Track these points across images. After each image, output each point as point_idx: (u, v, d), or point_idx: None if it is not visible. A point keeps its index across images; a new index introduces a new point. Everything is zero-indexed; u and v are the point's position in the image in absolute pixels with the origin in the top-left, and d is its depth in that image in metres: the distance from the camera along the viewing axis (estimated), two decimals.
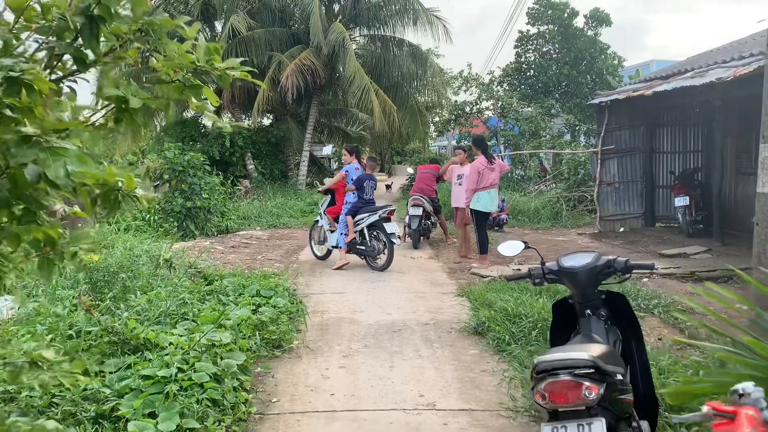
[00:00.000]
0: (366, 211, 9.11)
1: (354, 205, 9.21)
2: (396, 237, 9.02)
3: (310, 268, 9.33)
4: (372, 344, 5.44)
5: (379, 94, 20.70)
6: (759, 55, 8.54)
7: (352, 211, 9.18)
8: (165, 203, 12.99)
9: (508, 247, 3.58)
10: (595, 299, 3.18)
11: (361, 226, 9.08)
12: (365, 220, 9.04)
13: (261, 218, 15.09)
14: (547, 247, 11.01)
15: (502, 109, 23.32)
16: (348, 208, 9.26)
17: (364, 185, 9.19)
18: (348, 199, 9.34)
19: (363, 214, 9.10)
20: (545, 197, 15.47)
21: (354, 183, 9.21)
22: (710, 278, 8.24)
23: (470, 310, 6.57)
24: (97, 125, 2.32)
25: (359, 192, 9.18)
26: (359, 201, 9.22)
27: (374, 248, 9.07)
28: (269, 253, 10.63)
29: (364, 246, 9.16)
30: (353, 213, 9.17)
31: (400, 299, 7.19)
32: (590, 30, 25.31)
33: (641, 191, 12.85)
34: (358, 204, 9.21)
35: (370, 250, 9.10)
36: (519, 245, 3.55)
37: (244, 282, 6.77)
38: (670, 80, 10.43)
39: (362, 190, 9.19)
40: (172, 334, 5.04)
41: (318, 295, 7.43)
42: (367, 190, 9.24)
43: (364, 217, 9.07)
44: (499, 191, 9.42)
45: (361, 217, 9.09)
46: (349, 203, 9.30)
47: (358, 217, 9.12)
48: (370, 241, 9.09)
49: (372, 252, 9.09)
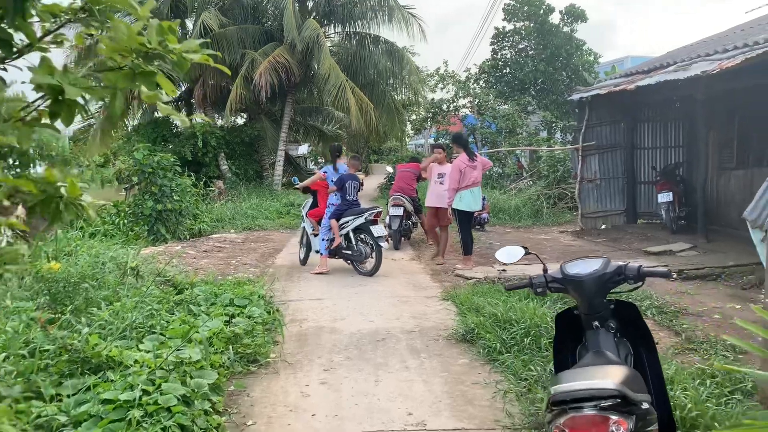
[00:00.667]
0: (351, 213, 8.67)
1: (338, 208, 8.76)
2: (384, 240, 8.62)
3: (287, 272, 8.95)
4: (355, 356, 5.10)
5: (355, 92, 20.34)
6: (744, 47, 8.36)
7: (336, 213, 8.74)
8: (134, 206, 12.50)
9: (506, 253, 3.26)
10: (603, 310, 2.87)
11: (346, 229, 8.64)
12: (350, 223, 8.60)
13: (235, 220, 14.64)
14: (530, 246, 10.66)
15: (479, 106, 23.09)
16: (331, 210, 8.81)
17: (345, 186, 8.75)
18: (331, 200, 8.89)
19: (348, 217, 8.66)
20: (525, 195, 15.24)
21: (335, 183, 8.76)
22: (699, 276, 8.06)
23: (456, 315, 6.26)
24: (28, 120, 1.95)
25: (341, 193, 8.75)
26: (343, 203, 8.77)
27: (361, 252, 8.60)
28: (244, 257, 10.21)
29: (350, 250, 8.69)
30: (337, 216, 8.72)
31: (383, 304, 6.85)
32: (566, 26, 25.21)
33: (623, 188, 12.68)
34: (342, 206, 8.76)
35: (357, 254, 8.64)
36: (518, 251, 3.22)
37: (216, 290, 6.37)
38: (652, 74, 10.23)
39: (344, 191, 8.74)
40: (138, 349, 4.65)
41: (296, 302, 7.06)
42: (349, 191, 8.78)
43: (349, 220, 8.63)
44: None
45: (346, 220, 8.65)
46: (332, 205, 8.86)
47: (343, 220, 8.68)
48: (356, 245, 8.64)
49: (359, 256, 8.64)
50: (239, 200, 17.94)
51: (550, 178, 15.32)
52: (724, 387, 3.95)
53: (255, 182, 22.79)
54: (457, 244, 10.17)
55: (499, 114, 22.45)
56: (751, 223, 7.50)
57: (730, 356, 4.91)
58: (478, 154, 9.04)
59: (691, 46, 11.89)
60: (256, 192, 19.71)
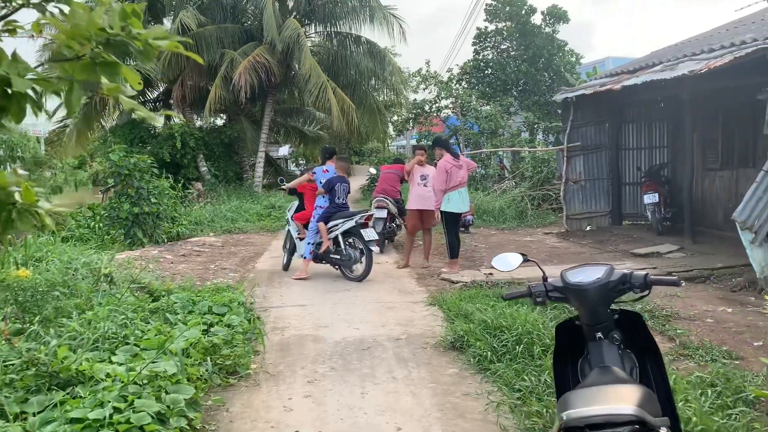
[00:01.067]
0: (340, 216, 8.36)
1: (326, 211, 8.46)
2: (375, 244, 8.31)
3: (268, 277, 8.69)
4: (340, 366, 4.87)
5: (336, 93, 20.10)
6: (731, 47, 8.29)
7: (324, 217, 8.43)
8: (110, 209, 12.15)
9: (503, 261, 3.05)
10: (607, 320, 2.69)
11: (335, 233, 8.32)
12: (340, 226, 8.28)
13: (214, 223, 14.32)
14: (516, 248, 10.62)
15: (461, 107, 22.95)
16: (319, 213, 8.51)
17: (335, 188, 8.44)
18: (319, 203, 8.59)
19: (337, 221, 8.34)
20: (509, 196, 15.11)
21: (324, 186, 8.45)
22: (688, 278, 7.95)
23: (444, 321, 6.07)
24: None
25: (330, 195, 8.45)
26: (331, 206, 8.46)
27: (351, 257, 8.28)
28: (223, 261, 9.94)
29: (338, 255, 8.36)
30: (325, 219, 8.41)
31: (368, 311, 6.64)
32: (548, 27, 25.14)
33: (607, 189, 12.59)
34: (331, 209, 8.45)
35: (346, 259, 8.32)
36: (516, 258, 3.02)
37: (194, 297, 6.11)
38: (638, 74, 10.13)
39: (333, 194, 8.44)
40: (110, 362, 4.40)
41: (278, 308, 6.82)
42: (338, 194, 8.46)
43: (339, 223, 8.30)
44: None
45: (335, 224, 8.33)
46: (319, 208, 8.55)
47: (332, 224, 8.36)
48: (345, 250, 8.31)
49: (348, 261, 8.32)
50: (219, 202, 17.61)
51: (534, 180, 15.21)
52: (725, 397, 3.79)
53: (235, 184, 22.47)
54: (441, 246, 10.01)
55: (481, 115, 22.32)
56: (740, 224, 7.42)
57: (728, 363, 4.76)
58: (461, 154, 8.87)
59: (676, 45, 11.84)
60: (236, 194, 19.39)
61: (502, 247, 10.79)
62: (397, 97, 25.09)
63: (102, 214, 12.57)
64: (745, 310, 6.51)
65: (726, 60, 7.53)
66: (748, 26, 10.11)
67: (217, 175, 22.16)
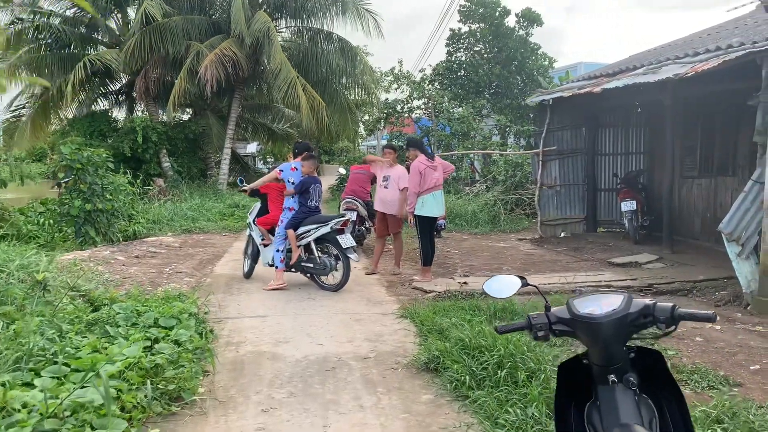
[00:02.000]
0: (312, 221, 7.58)
1: (296, 215, 7.64)
2: (353, 251, 7.52)
3: (226, 283, 8.07)
4: (300, 390, 4.32)
5: (306, 89, 19.50)
6: (717, 50, 7.96)
7: (294, 222, 7.62)
8: (61, 205, 11.37)
9: (498, 286, 2.53)
10: (622, 361, 2.21)
11: (307, 239, 7.56)
12: (312, 232, 7.52)
13: (174, 222, 13.60)
14: (490, 255, 10.20)
15: (433, 108, 22.55)
16: (289, 218, 7.66)
17: (309, 190, 7.67)
18: (288, 204, 7.72)
19: (309, 226, 7.57)
20: (482, 200, 14.69)
21: (296, 187, 7.61)
22: (670, 291, 7.60)
23: (416, 337, 5.56)
24: None
25: (302, 198, 7.66)
26: (302, 209, 7.66)
27: (326, 265, 7.53)
28: (180, 264, 9.28)
29: (311, 263, 7.61)
30: (295, 225, 7.62)
31: (333, 323, 6.09)
32: (521, 29, 24.89)
33: (583, 195, 12.26)
34: (301, 213, 7.64)
35: (320, 267, 7.56)
36: (513, 283, 2.50)
37: (139, 308, 5.48)
38: (619, 77, 9.79)
39: (306, 196, 7.67)
40: (32, 386, 3.78)
41: (234, 320, 6.22)
42: (312, 196, 7.71)
43: (311, 229, 7.54)
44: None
45: (307, 230, 7.57)
46: (288, 211, 7.70)
47: (303, 229, 7.58)
48: (319, 257, 7.60)
49: (323, 270, 7.56)
50: (180, 200, 16.86)
51: (508, 183, 14.82)
52: None
53: (199, 181, 21.71)
54: (413, 251, 9.52)
55: (453, 116, 21.95)
56: (726, 236, 7.07)
57: (726, 390, 4.36)
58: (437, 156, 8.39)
59: (655, 50, 11.55)
60: (199, 191, 18.64)
61: (475, 253, 10.35)
62: (369, 96, 24.57)
63: (53, 210, 11.80)
64: (734, 328, 6.14)
65: (715, 63, 7.17)
66: (731, 30, 9.84)
67: (180, 172, 21.37)
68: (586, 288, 7.47)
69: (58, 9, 21.28)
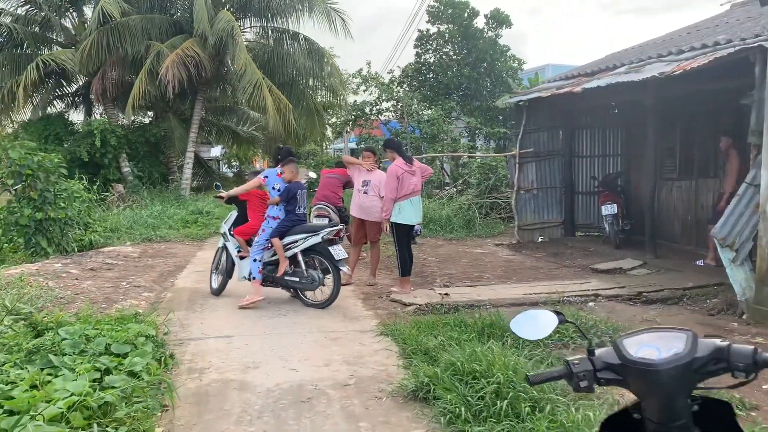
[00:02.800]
0: (300, 231, 6.96)
1: (282, 224, 6.99)
2: (345, 263, 6.95)
3: (188, 298, 7.45)
4: (272, 428, 3.78)
5: (272, 91, 18.86)
6: (703, 47, 7.67)
7: (280, 231, 6.99)
8: (9, 214, 10.57)
9: (529, 323, 2.05)
10: (685, 416, 1.74)
11: (293, 250, 6.93)
12: (300, 242, 6.91)
13: (133, 230, 12.86)
14: (468, 262, 9.77)
15: (402, 110, 22.12)
16: (274, 227, 7.01)
17: (297, 197, 7.06)
18: (272, 213, 7.07)
19: (297, 236, 6.94)
20: (456, 204, 14.28)
21: (282, 194, 6.99)
22: (660, 300, 7.25)
23: (399, 358, 5.07)
24: None
25: (289, 206, 7.02)
26: (290, 217, 7.01)
27: (313, 279, 6.89)
28: (138, 276, 8.62)
29: (297, 276, 6.97)
30: (281, 234, 7.00)
31: (308, 344, 5.56)
32: (490, 31, 24.62)
33: (560, 198, 11.93)
34: (288, 221, 7.00)
35: (307, 281, 6.91)
36: (547, 320, 2.03)
37: (89, 331, 4.87)
38: (599, 76, 9.48)
39: (294, 204, 7.04)
40: None
41: (197, 341, 5.64)
42: (300, 203, 7.12)
43: (299, 239, 6.92)
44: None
45: (294, 240, 6.94)
46: (272, 220, 7.02)
47: (289, 239, 6.95)
48: (306, 270, 6.95)
49: (310, 284, 6.91)
50: (141, 206, 16.08)
51: (482, 187, 14.44)
52: None
53: (161, 186, 20.85)
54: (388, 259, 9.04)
55: (423, 119, 21.55)
56: (720, 241, 6.73)
57: (742, 413, 3.98)
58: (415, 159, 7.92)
59: (633, 49, 11.26)
60: (161, 197, 17.82)
61: (452, 260, 9.92)
62: (336, 98, 24.03)
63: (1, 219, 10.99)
64: (732, 340, 5.77)
65: (705, 60, 6.86)
66: (712, 29, 9.59)
67: (141, 177, 20.49)
68: (574, 298, 7.09)
69: (8, 6, 20.29)
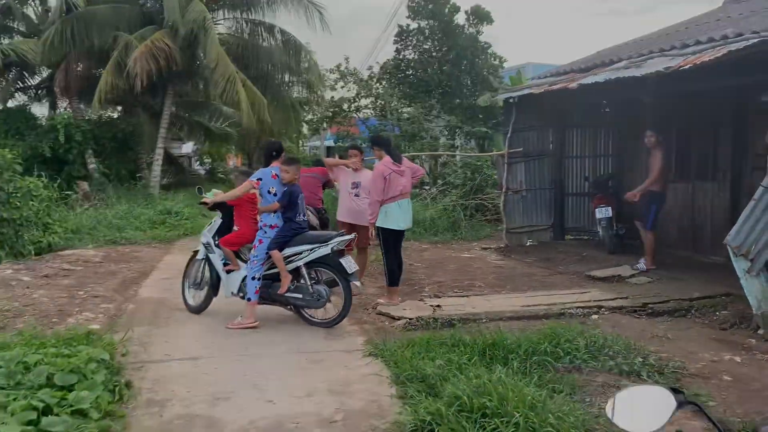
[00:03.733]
0: (304, 241, 6.00)
1: (283, 233, 6.01)
2: (357, 278, 6.09)
3: (152, 310, 6.70)
4: None
5: (246, 85, 18.09)
6: (709, 41, 7.17)
7: (281, 241, 6.00)
8: None
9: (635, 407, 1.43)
10: None
11: (296, 263, 5.98)
12: (305, 254, 5.96)
13: (97, 231, 12.02)
14: (457, 268, 9.19)
15: (382, 108, 21.52)
16: (273, 236, 6.00)
17: (298, 202, 6.09)
18: (268, 221, 6.04)
19: (300, 246, 5.97)
20: (440, 205, 13.69)
21: (281, 199, 5.99)
22: (667, 311, 6.74)
23: (392, 385, 4.43)
24: None
25: (288, 212, 6.03)
26: (291, 226, 6.02)
27: (320, 295, 5.96)
28: (98, 284, 7.84)
29: (300, 292, 6.01)
30: (281, 245, 6.01)
31: (286, 367, 4.88)
32: (471, 27, 24.13)
33: (550, 200, 11.41)
34: (289, 230, 6.02)
35: (313, 297, 5.97)
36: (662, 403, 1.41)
37: (30, 357, 4.15)
38: (595, 72, 8.95)
39: (293, 210, 6.07)
40: None
41: (160, 364, 4.93)
42: (301, 209, 6.17)
43: (303, 250, 5.96)
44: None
45: (298, 251, 5.97)
46: (269, 228, 6.01)
47: (291, 251, 5.98)
48: (311, 285, 6.00)
49: (316, 301, 5.98)
50: (106, 205, 15.20)
51: (467, 187, 13.88)
52: None
53: (129, 184, 19.91)
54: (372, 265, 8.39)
55: (402, 116, 20.97)
56: (734, 250, 6.21)
57: None
58: (405, 157, 7.28)
59: (627, 45, 10.76)
60: (128, 196, 16.91)
61: (440, 266, 9.33)
62: (312, 94, 23.33)
63: None
64: (754, 359, 5.29)
65: (718, 54, 6.34)
66: (711, 24, 9.14)
67: (108, 174, 19.52)
68: (576, 310, 6.54)
69: None
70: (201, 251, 6.56)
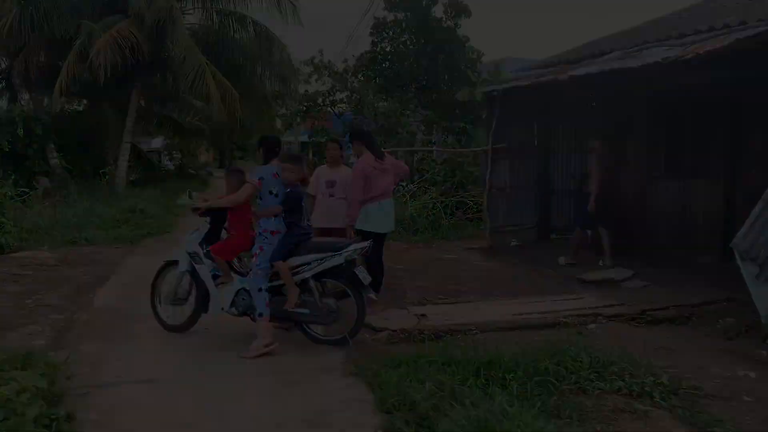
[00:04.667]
0: (310, 249, 5.32)
1: (287, 240, 5.27)
2: (371, 290, 5.44)
3: (108, 322, 6.01)
4: None
5: (217, 78, 17.40)
6: (710, 30, 6.76)
7: (285, 250, 5.24)
8: None
9: None
10: None
11: (303, 275, 5.27)
12: (314, 265, 5.25)
13: (55, 231, 11.24)
14: (440, 271, 8.69)
15: (358, 102, 20.95)
16: (275, 244, 5.24)
17: (303, 205, 5.40)
18: (268, 226, 5.27)
19: (308, 256, 5.27)
20: (419, 203, 13.15)
21: (285, 202, 5.26)
22: (667, 319, 6.29)
23: (376, 414, 3.88)
24: None
25: (291, 216, 5.29)
26: (295, 232, 5.30)
27: (330, 309, 5.28)
28: (50, 291, 7.13)
29: (307, 307, 5.29)
30: (285, 254, 5.26)
31: (255, 392, 4.29)
32: (449, 20, 23.66)
33: (535, 198, 10.97)
34: (294, 237, 5.29)
35: (322, 313, 5.28)
36: None
37: None
38: (585, 63, 8.52)
39: (297, 214, 5.33)
40: None
41: (110, 389, 4.28)
42: (305, 213, 5.48)
43: (312, 260, 5.26)
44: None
45: (306, 261, 5.26)
46: (270, 234, 5.25)
47: (298, 261, 5.26)
48: (320, 300, 5.31)
49: (325, 316, 5.29)
50: (67, 203, 14.37)
51: (447, 185, 13.38)
52: None
53: (94, 179, 19.02)
54: None
55: (379, 111, 20.42)
56: (741, 254, 5.78)
57: None
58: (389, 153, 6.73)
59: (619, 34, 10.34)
60: (92, 193, 16.06)
61: (422, 267, 8.82)
62: (286, 88, 22.67)
63: None
64: None
65: (725, 42, 5.90)
66: (708, 13, 8.75)
67: (71, 170, 18.63)
68: (572, 319, 6.06)
69: None
70: (183, 262, 5.64)
